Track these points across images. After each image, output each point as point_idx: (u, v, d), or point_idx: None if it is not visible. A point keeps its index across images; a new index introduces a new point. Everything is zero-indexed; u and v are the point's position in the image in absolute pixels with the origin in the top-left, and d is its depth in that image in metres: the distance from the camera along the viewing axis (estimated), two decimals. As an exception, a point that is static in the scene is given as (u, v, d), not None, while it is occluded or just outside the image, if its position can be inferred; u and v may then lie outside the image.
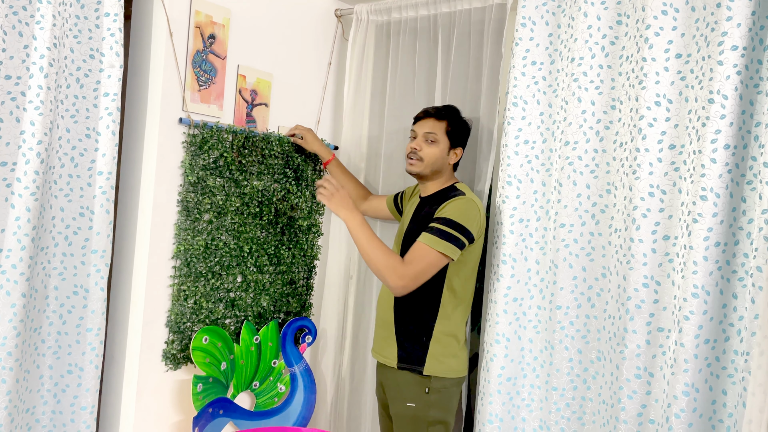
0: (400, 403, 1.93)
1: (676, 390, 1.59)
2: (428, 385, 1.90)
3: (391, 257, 1.83)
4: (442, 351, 1.91)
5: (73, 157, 1.85)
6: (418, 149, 1.97)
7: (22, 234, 1.69)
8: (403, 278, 1.80)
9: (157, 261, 2.00)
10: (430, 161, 1.96)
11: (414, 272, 1.81)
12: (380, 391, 2.08)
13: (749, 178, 1.57)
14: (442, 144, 1.96)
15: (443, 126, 1.97)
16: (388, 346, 1.99)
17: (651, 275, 1.70)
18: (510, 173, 1.94)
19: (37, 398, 1.84)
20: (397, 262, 1.82)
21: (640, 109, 1.71)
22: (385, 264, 1.82)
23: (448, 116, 1.98)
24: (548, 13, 1.94)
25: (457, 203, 1.88)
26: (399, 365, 1.95)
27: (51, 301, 1.84)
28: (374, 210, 2.32)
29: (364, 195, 2.35)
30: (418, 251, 1.82)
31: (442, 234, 1.82)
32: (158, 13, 1.97)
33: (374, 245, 1.84)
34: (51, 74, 1.72)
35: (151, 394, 2.02)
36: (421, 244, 1.83)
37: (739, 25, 1.54)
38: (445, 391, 1.92)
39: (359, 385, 2.43)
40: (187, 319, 2.07)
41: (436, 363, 1.90)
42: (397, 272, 1.80)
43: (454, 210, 1.85)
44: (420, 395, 1.90)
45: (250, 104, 2.22)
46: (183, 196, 2.03)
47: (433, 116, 1.99)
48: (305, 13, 2.41)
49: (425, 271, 1.82)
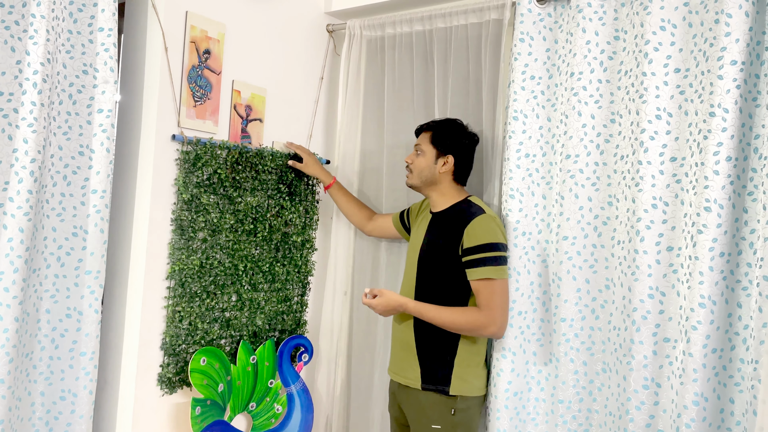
0: (425, 425, 1.89)
1: (685, 400, 1.61)
2: (454, 405, 1.87)
3: (469, 314, 1.85)
4: (467, 369, 1.90)
5: (66, 176, 1.79)
6: (410, 162, 2.03)
7: (15, 256, 1.62)
8: (495, 323, 1.83)
9: (152, 282, 1.94)
10: (417, 171, 2.00)
11: (499, 311, 1.83)
12: (396, 409, 2.04)
13: (750, 189, 1.61)
14: (428, 153, 1.98)
15: (428, 136, 2.00)
16: (408, 367, 1.95)
17: (656, 286, 1.72)
18: (512, 186, 1.95)
19: (28, 427, 1.75)
20: (479, 314, 1.83)
21: (641, 123, 1.74)
22: (470, 323, 1.83)
23: (433, 126, 2.01)
24: (545, 28, 1.97)
25: (482, 224, 1.86)
26: (423, 386, 1.91)
27: (43, 324, 1.77)
28: (380, 230, 2.28)
29: (368, 215, 2.31)
30: (487, 290, 1.83)
31: (492, 261, 1.83)
32: (153, 28, 1.93)
33: (446, 314, 1.85)
34: (44, 90, 1.67)
35: (147, 419, 1.95)
36: (484, 282, 1.83)
37: (738, 40, 1.58)
38: (470, 411, 1.90)
39: (356, 403, 2.39)
40: (182, 341, 2.02)
41: (461, 382, 1.88)
42: (486, 323, 1.82)
43: (484, 232, 1.85)
44: (446, 416, 1.87)
45: (245, 119, 2.19)
46: (177, 214, 1.98)
47: (422, 130, 2.04)
48: (298, 28, 2.40)
49: (505, 303, 1.85)
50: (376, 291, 1.91)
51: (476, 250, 1.84)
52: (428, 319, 1.87)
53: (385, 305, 1.90)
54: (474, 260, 1.84)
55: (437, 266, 1.92)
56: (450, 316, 1.85)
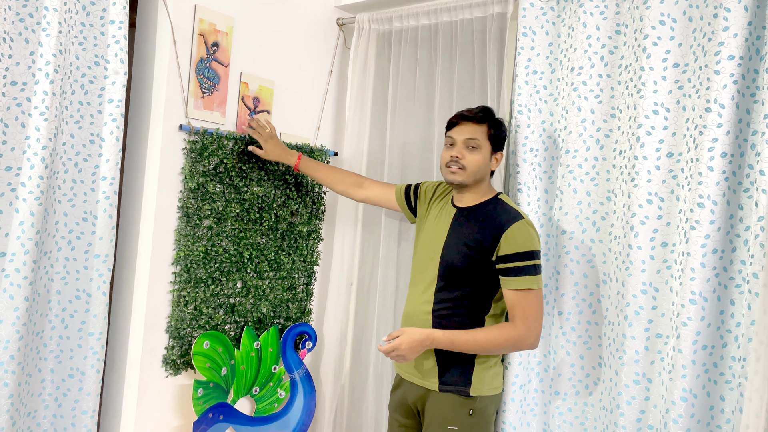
0: (440, 426, 1.78)
1: (674, 396, 1.61)
2: (472, 406, 1.77)
3: (506, 330, 1.73)
4: (487, 369, 1.80)
5: (77, 163, 1.87)
6: (461, 157, 1.79)
7: (26, 238, 1.70)
8: (531, 335, 1.72)
9: (158, 266, 2.01)
10: (474, 169, 1.79)
11: (536, 323, 1.72)
12: (403, 409, 1.92)
13: (746, 186, 1.59)
14: (484, 150, 1.79)
15: (484, 130, 1.80)
16: (426, 367, 1.83)
17: (649, 282, 1.72)
18: (520, 180, 1.93)
19: (38, 402, 1.84)
20: (516, 329, 1.71)
21: (639, 118, 1.73)
22: (509, 340, 1.72)
23: (488, 119, 1.81)
24: (548, 23, 1.97)
25: (521, 230, 1.72)
26: (441, 388, 1.80)
27: (53, 305, 1.85)
28: (377, 198, 2.13)
29: (356, 181, 2.17)
30: (524, 300, 1.71)
31: (531, 269, 1.71)
32: (162, 21, 1.99)
33: (481, 337, 1.73)
34: (56, 80, 1.74)
35: (151, 399, 2.03)
36: (522, 293, 1.71)
37: (736, 35, 1.56)
38: (487, 410, 1.81)
39: (360, 391, 2.43)
40: (187, 324, 2.08)
41: (481, 382, 1.79)
42: (524, 336, 1.71)
43: (524, 239, 1.71)
44: (463, 418, 1.77)
45: (253, 111, 2.24)
46: (183, 202, 2.04)
47: (472, 120, 1.80)
48: (307, 21, 2.44)
49: (541, 313, 1.74)
50: (394, 333, 1.75)
51: (514, 258, 1.70)
52: (461, 346, 1.73)
53: (410, 342, 1.72)
54: (512, 269, 1.71)
55: (466, 270, 1.77)
56: (486, 337, 1.72)
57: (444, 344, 1.74)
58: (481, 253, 1.75)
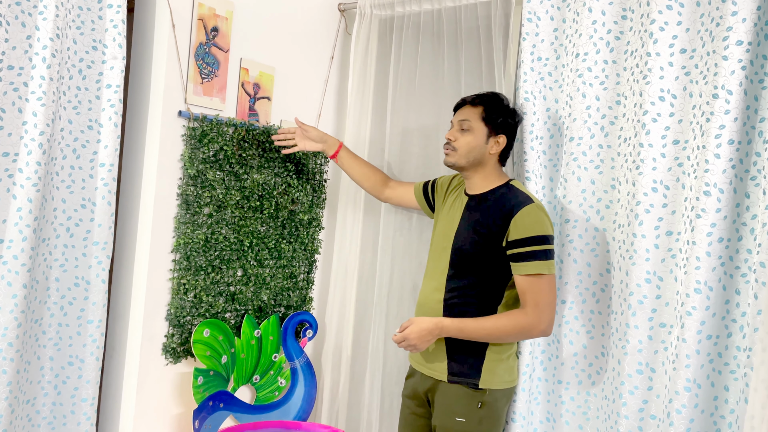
0: (448, 416, 1.77)
1: (677, 386, 1.59)
2: (481, 399, 1.76)
3: (515, 318, 1.71)
4: (499, 362, 1.78)
5: (75, 149, 1.84)
6: (452, 139, 1.83)
7: (24, 225, 1.69)
8: (542, 322, 1.69)
9: (158, 254, 1.99)
10: (465, 151, 1.81)
11: (548, 310, 1.69)
12: (415, 398, 1.91)
13: (753, 174, 1.57)
14: (477, 131, 1.80)
15: (478, 112, 1.81)
16: (435, 358, 1.82)
17: (654, 271, 1.70)
18: (528, 168, 1.90)
19: (37, 389, 1.83)
20: (526, 316, 1.69)
21: (644, 105, 1.70)
22: (517, 327, 1.70)
23: (484, 101, 1.82)
24: (553, 8, 1.93)
25: (531, 214, 1.70)
26: (450, 379, 1.79)
27: (52, 292, 1.84)
28: (398, 198, 2.16)
29: (383, 180, 2.19)
30: (535, 286, 1.68)
31: (542, 254, 1.68)
32: (161, 5, 1.96)
33: (490, 324, 1.71)
34: (53, 65, 1.72)
35: (151, 387, 2.02)
36: (533, 279, 1.68)
37: (744, 20, 1.53)
38: (497, 404, 1.79)
39: (360, 380, 2.42)
40: (186, 312, 2.07)
41: (492, 375, 1.77)
42: (534, 323, 1.69)
43: (533, 223, 1.69)
44: (472, 410, 1.75)
45: (253, 98, 2.21)
46: (183, 189, 2.02)
47: (469, 103, 1.84)
48: (308, 6, 2.41)
49: (553, 300, 1.70)
50: (405, 323, 1.76)
51: (525, 243, 1.68)
52: (470, 334, 1.72)
53: (419, 331, 1.72)
54: (522, 254, 1.69)
55: (476, 256, 1.76)
56: (494, 324, 1.71)
57: (453, 332, 1.73)
58: (490, 238, 1.74)
